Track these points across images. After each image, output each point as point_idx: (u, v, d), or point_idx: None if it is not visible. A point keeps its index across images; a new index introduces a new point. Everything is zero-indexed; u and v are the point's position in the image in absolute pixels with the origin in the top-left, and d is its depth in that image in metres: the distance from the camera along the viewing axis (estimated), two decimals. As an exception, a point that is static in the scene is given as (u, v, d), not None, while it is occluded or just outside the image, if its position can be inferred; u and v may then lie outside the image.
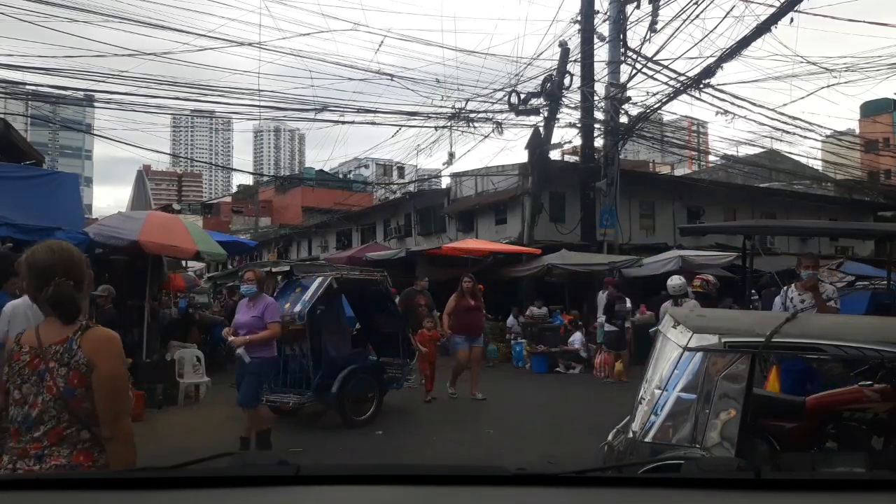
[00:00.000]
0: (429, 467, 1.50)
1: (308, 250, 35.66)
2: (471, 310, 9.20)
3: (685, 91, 14.25)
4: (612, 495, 1.42)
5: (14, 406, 2.23)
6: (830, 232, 18.10)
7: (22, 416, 2.21)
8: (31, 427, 2.19)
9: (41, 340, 2.23)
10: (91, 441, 2.22)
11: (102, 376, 2.19)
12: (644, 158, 47.29)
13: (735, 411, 2.89)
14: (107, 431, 2.22)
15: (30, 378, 2.21)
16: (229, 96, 31.29)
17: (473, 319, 9.22)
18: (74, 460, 2.19)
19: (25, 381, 2.21)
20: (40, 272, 2.27)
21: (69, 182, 9.89)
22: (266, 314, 6.15)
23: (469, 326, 9.16)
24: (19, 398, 2.22)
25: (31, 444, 2.19)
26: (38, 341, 2.23)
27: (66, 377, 2.18)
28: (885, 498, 1.37)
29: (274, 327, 6.17)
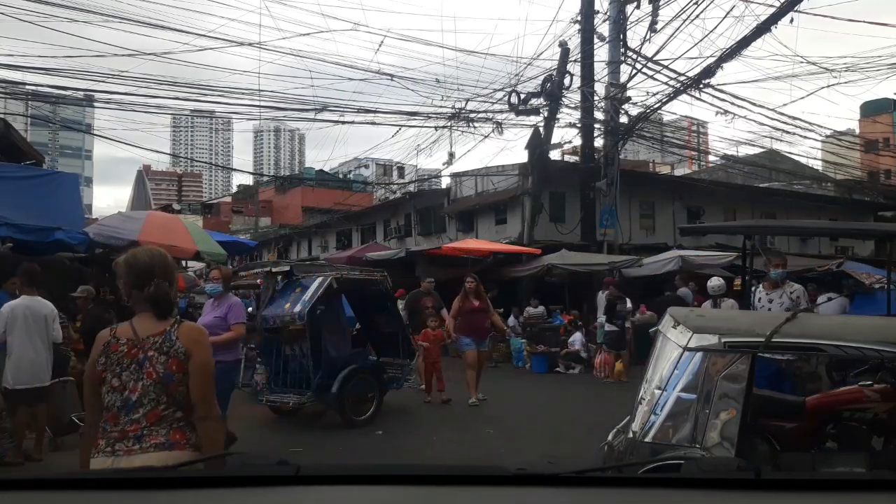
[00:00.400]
0: (429, 467, 1.50)
1: (308, 250, 35.65)
2: (475, 311, 8.93)
3: (685, 91, 14.25)
4: (612, 495, 1.42)
5: (112, 392, 2.42)
6: (830, 232, 18.10)
7: (121, 401, 2.42)
8: (131, 410, 2.41)
9: (138, 333, 2.47)
10: (184, 421, 2.46)
11: (197, 363, 2.46)
12: (644, 158, 47.28)
13: (735, 411, 2.89)
14: (201, 411, 2.46)
15: (129, 366, 2.43)
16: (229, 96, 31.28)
17: (478, 321, 8.95)
18: (171, 438, 2.42)
19: (125, 368, 2.43)
20: (140, 273, 2.53)
21: (69, 182, 9.91)
22: (230, 315, 5.86)
23: (475, 328, 8.89)
24: (118, 385, 2.42)
25: (129, 425, 2.40)
26: (134, 333, 2.47)
27: (166, 364, 2.42)
28: (885, 498, 1.37)
29: (237, 329, 5.88)
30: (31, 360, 5.75)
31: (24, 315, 5.76)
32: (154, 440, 2.39)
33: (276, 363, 7.90)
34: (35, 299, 5.88)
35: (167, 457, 2.36)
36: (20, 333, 5.69)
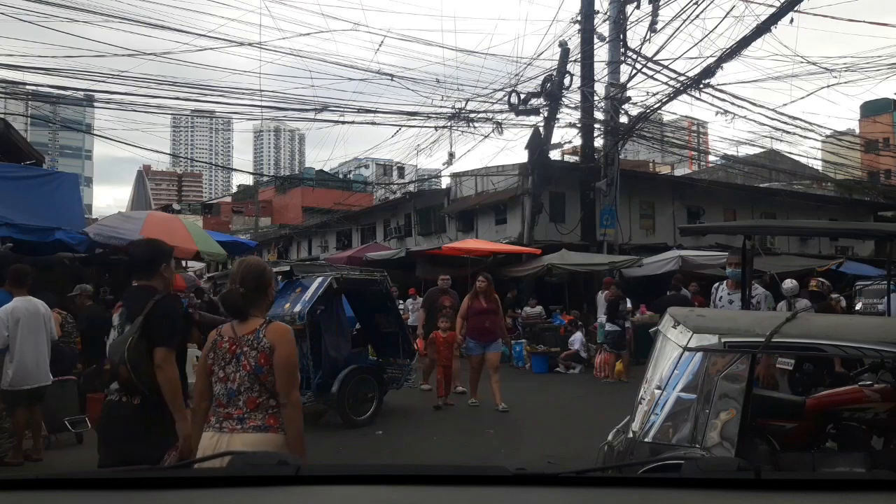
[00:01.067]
0: (429, 467, 1.50)
1: (308, 250, 35.65)
2: (483, 312, 8.48)
3: (685, 91, 14.24)
4: (612, 495, 1.42)
5: (218, 382, 2.91)
6: (830, 232, 18.10)
7: (225, 390, 2.89)
8: (234, 397, 2.87)
9: (236, 332, 2.92)
10: (276, 408, 2.86)
11: (280, 357, 2.86)
12: (644, 158, 47.27)
13: (735, 411, 2.89)
14: (283, 398, 2.85)
15: (230, 361, 2.89)
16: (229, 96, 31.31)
17: (488, 323, 8.48)
18: (266, 422, 2.84)
19: (227, 362, 2.90)
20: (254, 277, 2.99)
21: (69, 182, 9.91)
22: None
23: (482, 330, 8.46)
24: (223, 376, 2.90)
25: (233, 409, 2.86)
26: (234, 332, 2.92)
27: (256, 358, 2.85)
28: (885, 498, 1.37)
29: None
30: (32, 360, 5.76)
31: (25, 315, 5.77)
32: (252, 423, 2.84)
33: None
34: (29, 299, 5.88)
35: (263, 438, 2.80)
36: (22, 334, 5.69)
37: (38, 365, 5.82)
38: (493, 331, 8.56)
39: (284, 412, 2.85)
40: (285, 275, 8.47)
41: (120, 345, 3.26)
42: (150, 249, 3.63)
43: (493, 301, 8.60)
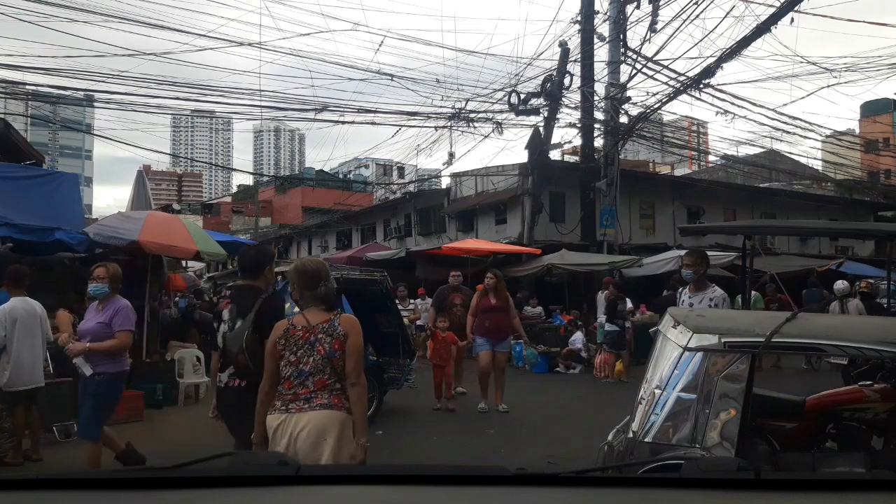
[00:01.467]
0: (429, 467, 1.50)
1: (308, 250, 35.65)
2: (492, 310, 8.25)
3: (685, 91, 14.24)
4: (612, 495, 1.42)
5: (289, 365, 3.24)
6: (830, 232, 18.11)
7: (296, 372, 3.23)
8: (304, 379, 3.22)
9: (310, 321, 3.29)
10: (340, 389, 3.25)
11: (352, 344, 3.28)
12: (644, 158, 47.28)
13: (735, 411, 2.89)
14: (353, 379, 3.24)
15: (303, 346, 3.24)
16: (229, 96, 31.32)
17: (496, 321, 8.24)
18: (331, 401, 3.22)
19: (300, 348, 3.25)
20: (310, 277, 3.39)
21: (69, 182, 9.90)
22: (115, 320, 4.98)
23: (491, 329, 8.23)
24: (294, 360, 3.24)
25: (300, 389, 3.22)
26: (307, 322, 3.29)
27: (330, 344, 3.24)
28: (885, 498, 1.37)
29: (123, 337, 5.00)
30: (29, 361, 5.75)
31: (22, 316, 5.76)
32: (319, 402, 3.20)
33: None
34: (26, 300, 5.88)
35: (328, 414, 3.19)
36: (19, 335, 5.68)
37: (34, 366, 5.81)
38: (502, 329, 8.32)
39: (355, 391, 3.24)
40: (285, 275, 8.47)
41: (237, 337, 3.77)
42: (256, 254, 4.34)
43: (502, 298, 8.35)
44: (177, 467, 1.47)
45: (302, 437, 3.14)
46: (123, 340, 5.03)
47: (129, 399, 8.01)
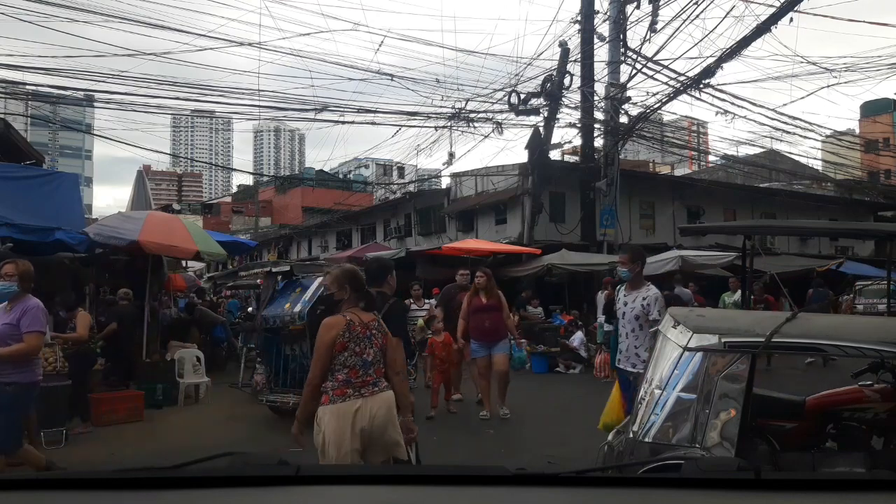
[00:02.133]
0: (429, 467, 1.51)
1: (308, 250, 35.67)
2: (484, 310, 7.74)
3: (685, 91, 14.24)
4: (612, 495, 1.42)
5: (354, 356, 3.64)
6: (830, 232, 18.12)
7: (361, 362, 3.65)
8: (367, 367, 3.67)
9: (362, 319, 3.73)
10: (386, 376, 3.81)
11: (393, 339, 3.93)
12: (644, 158, 47.29)
13: (735, 411, 2.89)
14: (399, 368, 3.95)
15: (363, 339, 3.68)
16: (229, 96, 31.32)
17: (489, 321, 7.72)
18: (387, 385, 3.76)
19: (361, 341, 3.67)
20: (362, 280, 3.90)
21: (69, 182, 9.90)
22: (23, 321, 4.54)
23: (484, 330, 7.73)
24: (359, 350, 3.66)
25: (367, 377, 3.67)
26: (360, 320, 3.71)
27: (381, 339, 3.79)
28: (885, 498, 1.37)
29: (31, 339, 4.54)
30: None
31: None
32: (382, 385, 3.73)
33: (276, 363, 7.90)
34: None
35: (391, 395, 3.75)
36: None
37: None
38: (497, 330, 7.77)
39: (399, 379, 3.90)
40: (285, 275, 8.47)
41: None
42: (379, 265, 5.11)
43: (494, 297, 7.83)
44: (177, 467, 1.47)
45: (380, 416, 3.62)
46: (32, 344, 4.57)
47: (129, 399, 8.04)
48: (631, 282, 5.44)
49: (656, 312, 5.10)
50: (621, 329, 5.41)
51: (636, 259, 5.44)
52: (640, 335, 5.25)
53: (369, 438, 3.57)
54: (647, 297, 5.26)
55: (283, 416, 7.77)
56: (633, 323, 5.31)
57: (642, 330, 5.23)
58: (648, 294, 5.29)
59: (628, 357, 5.34)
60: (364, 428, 3.54)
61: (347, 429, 3.51)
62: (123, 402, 7.90)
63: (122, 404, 7.85)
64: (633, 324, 5.30)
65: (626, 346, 5.36)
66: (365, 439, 3.56)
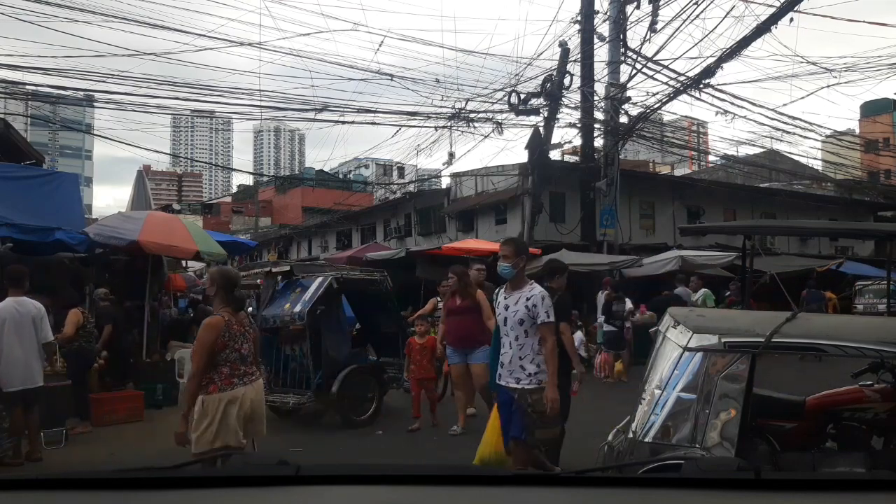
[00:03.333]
0: (429, 467, 1.50)
1: (308, 250, 35.67)
2: (456, 311, 6.92)
3: (685, 91, 14.24)
4: (612, 495, 1.42)
5: (233, 352, 4.09)
6: (830, 232, 18.12)
7: (239, 356, 4.12)
8: (245, 360, 4.17)
9: (237, 318, 4.20)
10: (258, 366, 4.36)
11: (257, 336, 4.43)
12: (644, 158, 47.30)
13: (735, 411, 2.89)
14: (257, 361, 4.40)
15: (238, 337, 4.13)
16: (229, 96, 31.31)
17: (462, 325, 6.87)
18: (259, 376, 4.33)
19: (238, 338, 4.13)
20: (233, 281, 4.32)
21: (69, 182, 9.90)
22: None
23: (457, 335, 6.89)
24: (237, 347, 4.11)
25: (247, 367, 4.17)
26: (234, 318, 4.17)
27: (252, 335, 4.30)
28: (885, 498, 1.37)
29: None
30: (21, 361, 5.71)
31: (12, 316, 5.74)
32: (257, 375, 4.29)
33: (276, 363, 7.91)
34: (22, 300, 5.85)
35: (261, 383, 4.33)
36: (8, 335, 5.67)
37: (27, 366, 5.77)
38: (471, 335, 6.80)
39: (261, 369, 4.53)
40: (285, 275, 8.47)
41: None
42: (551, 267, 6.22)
43: (469, 297, 6.98)
44: (177, 467, 1.47)
45: (256, 402, 4.20)
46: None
47: (129, 399, 8.05)
48: (512, 280, 4.55)
49: (544, 314, 4.33)
50: (503, 338, 4.50)
51: (520, 252, 4.57)
52: (525, 344, 4.38)
53: (248, 422, 4.12)
54: (532, 298, 4.39)
55: (282, 416, 7.78)
56: (516, 329, 4.40)
57: (528, 337, 4.37)
58: (533, 293, 4.43)
59: (511, 371, 4.41)
60: (246, 413, 4.09)
61: (234, 412, 4.00)
62: (123, 402, 7.90)
63: (122, 404, 7.85)
64: (518, 330, 4.40)
65: (508, 358, 4.42)
66: (245, 423, 4.10)
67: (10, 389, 5.69)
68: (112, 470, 2.22)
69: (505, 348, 4.48)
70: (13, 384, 5.69)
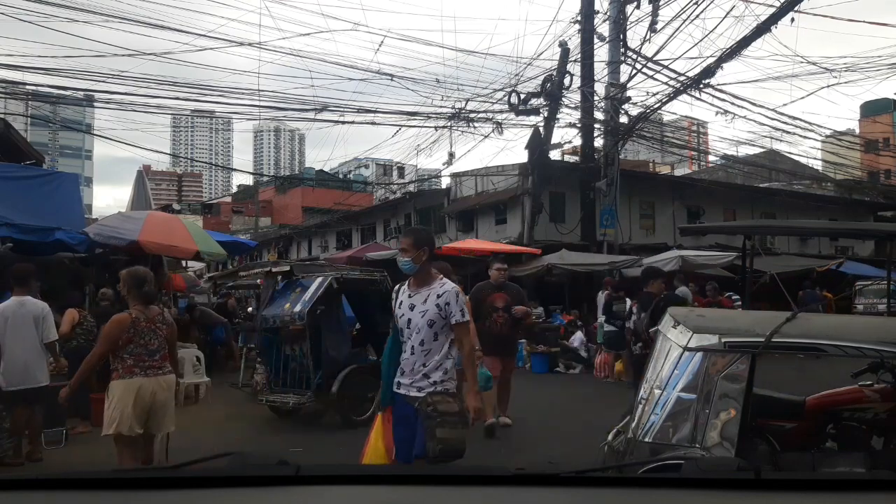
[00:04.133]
0: (429, 467, 1.51)
1: (308, 250, 35.66)
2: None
3: (685, 91, 14.24)
4: (612, 495, 1.42)
5: (139, 347, 4.40)
6: (830, 232, 18.12)
7: (146, 351, 4.43)
8: (154, 354, 4.47)
9: (147, 315, 4.50)
10: (171, 361, 4.66)
11: (174, 332, 4.77)
12: (644, 158, 47.29)
13: (735, 411, 2.89)
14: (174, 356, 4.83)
15: (147, 333, 4.46)
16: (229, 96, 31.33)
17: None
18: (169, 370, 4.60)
19: (146, 334, 4.45)
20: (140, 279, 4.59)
21: (69, 182, 9.91)
22: None
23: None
24: (143, 342, 4.43)
25: (154, 361, 4.46)
26: (145, 315, 4.49)
27: (165, 330, 4.58)
28: (885, 498, 1.37)
29: None
30: (21, 360, 5.70)
31: (14, 315, 5.73)
32: (166, 370, 4.56)
33: (276, 363, 7.90)
34: (25, 299, 5.84)
35: (171, 378, 4.59)
36: (10, 334, 5.66)
37: (28, 366, 5.76)
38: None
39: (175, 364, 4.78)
40: (285, 275, 8.47)
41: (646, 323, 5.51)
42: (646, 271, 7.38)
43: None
44: (177, 467, 1.47)
45: (161, 395, 4.45)
46: None
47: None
48: (417, 276, 3.97)
49: (459, 313, 3.77)
50: (405, 342, 3.87)
51: (421, 244, 3.94)
52: (433, 348, 3.78)
53: (150, 412, 4.40)
54: (444, 295, 3.79)
55: (283, 416, 7.77)
56: (424, 332, 3.79)
57: (436, 340, 3.79)
58: (444, 290, 3.82)
59: (413, 380, 3.78)
60: (146, 403, 4.36)
61: (130, 400, 4.31)
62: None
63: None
64: (425, 333, 3.79)
65: (410, 365, 3.81)
66: (147, 413, 4.38)
67: (10, 388, 5.68)
68: (112, 470, 2.22)
69: (406, 354, 3.84)
70: (13, 383, 5.68)
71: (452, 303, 3.79)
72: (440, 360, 3.79)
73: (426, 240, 4.06)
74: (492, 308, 6.89)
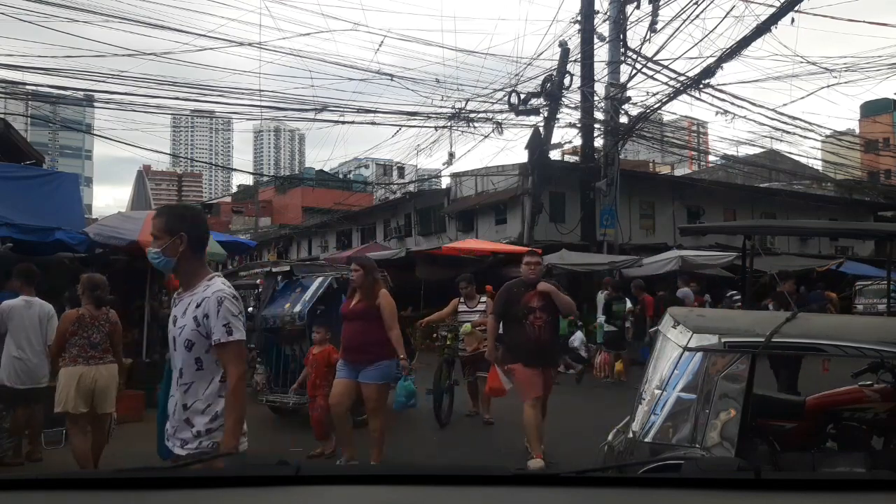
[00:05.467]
0: (429, 467, 1.51)
1: (308, 250, 35.67)
2: (350, 316, 5.48)
3: (685, 91, 14.24)
4: (612, 495, 1.42)
5: (82, 339, 5.17)
6: (830, 232, 18.12)
7: (89, 343, 5.19)
8: (95, 346, 5.22)
9: (93, 314, 5.24)
10: (113, 353, 5.36)
11: (118, 329, 5.48)
12: (644, 158, 47.29)
13: (735, 411, 2.89)
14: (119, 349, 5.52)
15: (91, 328, 5.22)
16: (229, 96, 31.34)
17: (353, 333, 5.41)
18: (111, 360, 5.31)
19: (89, 328, 5.21)
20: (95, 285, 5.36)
21: (69, 182, 9.90)
22: None
23: (347, 345, 5.49)
24: (87, 336, 5.18)
25: (96, 352, 5.21)
26: (91, 313, 5.23)
27: (107, 326, 5.31)
28: (885, 498, 1.37)
29: None
30: (24, 360, 5.72)
31: (20, 315, 5.75)
32: (108, 359, 5.30)
33: (276, 363, 7.90)
34: (33, 300, 5.86)
35: (113, 367, 5.31)
36: (15, 333, 5.67)
37: (32, 366, 5.77)
38: (365, 346, 5.36)
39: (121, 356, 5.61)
40: (285, 275, 8.47)
41: None
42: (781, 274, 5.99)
43: (371, 299, 5.42)
44: (177, 467, 1.47)
45: (101, 381, 5.15)
46: None
47: (129, 399, 8.02)
48: (182, 276, 2.87)
49: (222, 329, 2.61)
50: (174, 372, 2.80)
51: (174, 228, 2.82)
52: (196, 380, 2.68)
53: (94, 396, 5.10)
54: (203, 304, 2.66)
55: (283, 416, 7.77)
56: (183, 357, 2.70)
57: (200, 370, 2.67)
58: (205, 296, 2.67)
59: (175, 428, 2.70)
60: (88, 387, 5.07)
61: (73, 385, 5.03)
62: (123, 402, 7.88)
63: (121, 404, 7.82)
64: (184, 359, 2.69)
65: (172, 406, 2.75)
66: (90, 396, 5.07)
67: (16, 387, 5.69)
68: (112, 470, 2.22)
69: (172, 390, 2.79)
70: (18, 382, 5.69)
71: (212, 314, 2.61)
72: (207, 398, 2.65)
73: (185, 221, 2.83)
74: (527, 309, 5.66)
